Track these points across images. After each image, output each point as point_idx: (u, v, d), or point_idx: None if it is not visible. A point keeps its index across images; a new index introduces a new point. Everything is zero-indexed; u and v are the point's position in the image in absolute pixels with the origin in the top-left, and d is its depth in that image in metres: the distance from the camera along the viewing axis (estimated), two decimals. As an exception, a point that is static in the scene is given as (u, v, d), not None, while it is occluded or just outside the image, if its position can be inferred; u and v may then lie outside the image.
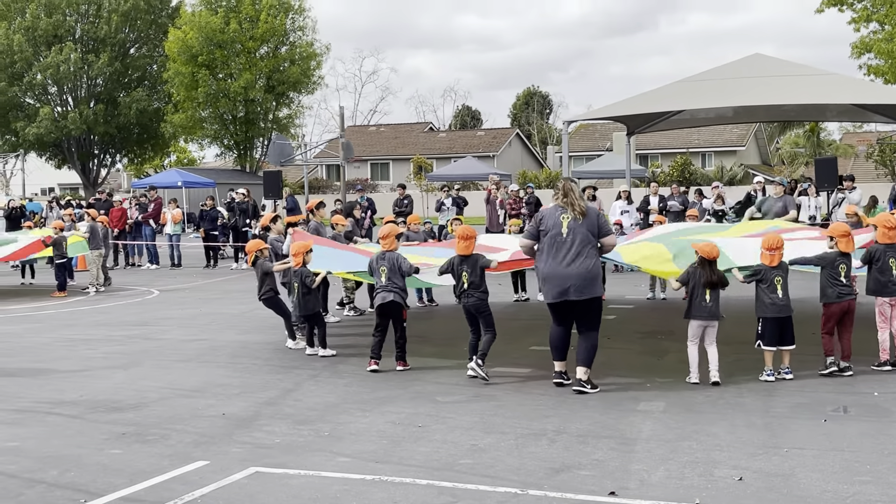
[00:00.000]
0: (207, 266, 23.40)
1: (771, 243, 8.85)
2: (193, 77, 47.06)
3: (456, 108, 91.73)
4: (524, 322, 12.96)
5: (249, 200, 25.46)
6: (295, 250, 10.75)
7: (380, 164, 66.33)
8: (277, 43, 49.52)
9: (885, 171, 47.31)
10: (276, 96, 49.99)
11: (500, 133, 68.32)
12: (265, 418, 7.85)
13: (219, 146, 52.81)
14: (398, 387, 8.96)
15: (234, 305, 15.68)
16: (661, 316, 13.59)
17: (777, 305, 8.79)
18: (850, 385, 8.46)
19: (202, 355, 10.96)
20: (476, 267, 9.24)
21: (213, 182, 44.09)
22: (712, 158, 59.26)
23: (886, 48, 30.03)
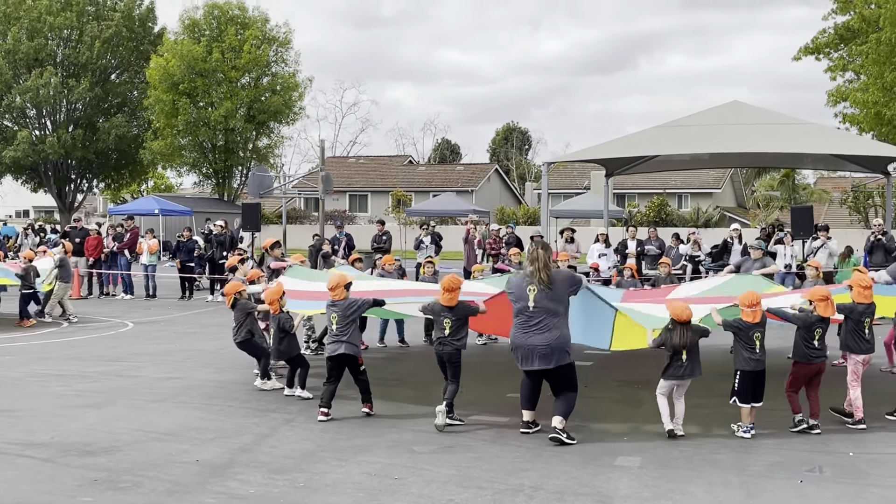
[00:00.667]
0: (183, 297, 23.26)
1: (750, 300, 8.87)
2: (174, 105, 46.97)
3: (436, 142, 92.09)
4: (501, 366, 12.90)
5: (227, 232, 25.38)
6: (269, 298, 10.73)
7: (358, 196, 66.34)
8: (260, 73, 49.58)
9: (858, 217, 47.80)
10: (257, 126, 49.96)
11: (479, 168, 68.59)
12: (240, 466, 7.78)
13: (197, 174, 52.64)
14: (374, 434, 8.91)
15: (209, 341, 15.58)
16: (639, 363, 13.55)
17: (754, 360, 8.84)
18: (824, 444, 8.49)
19: (177, 395, 10.86)
20: (461, 316, 9.26)
21: (191, 210, 43.89)
22: (688, 200, 59.72)
23: (862, 98, 30.46)
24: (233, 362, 13.18)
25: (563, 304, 8.61)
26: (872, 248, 19.48)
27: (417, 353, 14.46)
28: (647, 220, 49.07)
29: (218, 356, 13.92)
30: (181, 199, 51.71)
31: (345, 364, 9.68)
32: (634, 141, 21.28)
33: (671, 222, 50.48)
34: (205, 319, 19.07)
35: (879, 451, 8.27)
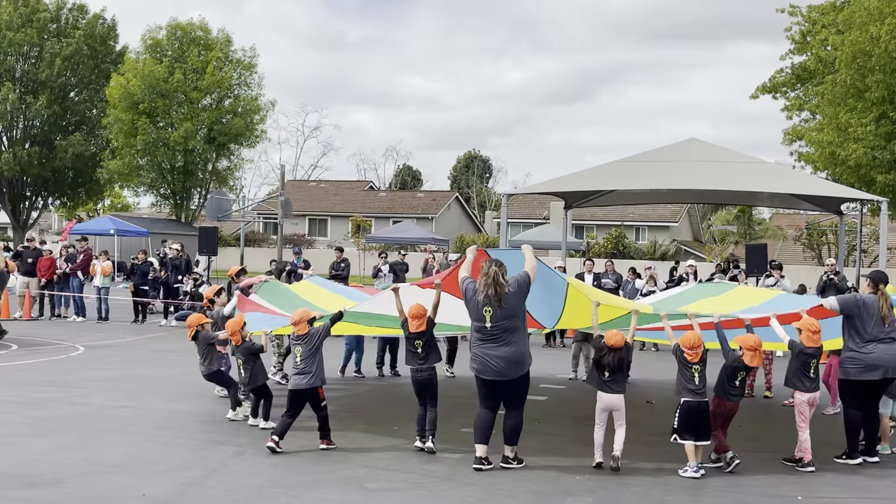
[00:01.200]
0: (136, 321, 22.98)
1: (692, 343, 8.98)
2: (133, 124, 46.61)
3: (397, 168, 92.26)
4: (458, 400, 12.78)
5: (183, 255, 25.16)
6: (230, 329, 10.66)
7: (318, 220, 66.16)
8: (222, 95, 49.36)
9: (812, 254, 48.47)
10: (217, 147, 49.68)
11: (440, 195, 68.74)
12: (187, 501, 7.66)
13: (155, 195, 52.16)
14: (326, 470, 8.83)
15: (161, 368, 15.38)
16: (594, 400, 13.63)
17: (693, 391, 8.93)
18: (774, 487, 8.53)
19: (126, 425, 10.69)
20: (431, 335, 9.56)
21: (147, 231, 43.51)
22: (646, 232, 60.27)
23: (817, 138, 30.94)
24: (184, 391, 13.04)
25: (519, 318, 8.82)
26: (825, 287, 19.74)
27: (372, 385, 14.39)
28: (605, 251, 49.42)
29: (169, 384, 13.74)
30: (138, 219, 51.25)
31: (306, 398, 9.67)
32: (593, 175, 21.45)
33: (629, 254, 50.88)
34: (157, 345, 18.84)
35: (828, 494, 8.33)
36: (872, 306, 9.44)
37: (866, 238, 37.72)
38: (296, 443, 9.83)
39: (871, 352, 9.33)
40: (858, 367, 9.39)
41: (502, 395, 8.94)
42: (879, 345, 9.35)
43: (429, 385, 9.59)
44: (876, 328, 9.38)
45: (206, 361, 11.13)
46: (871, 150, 27.45)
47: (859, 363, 9.38)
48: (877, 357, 9.32)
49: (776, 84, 36.96)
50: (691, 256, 49.84)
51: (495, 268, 8.75)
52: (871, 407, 9.64)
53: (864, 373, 9.38)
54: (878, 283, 9.68)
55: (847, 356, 9.51)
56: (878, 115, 28.04)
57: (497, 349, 8.71)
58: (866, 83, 27.79)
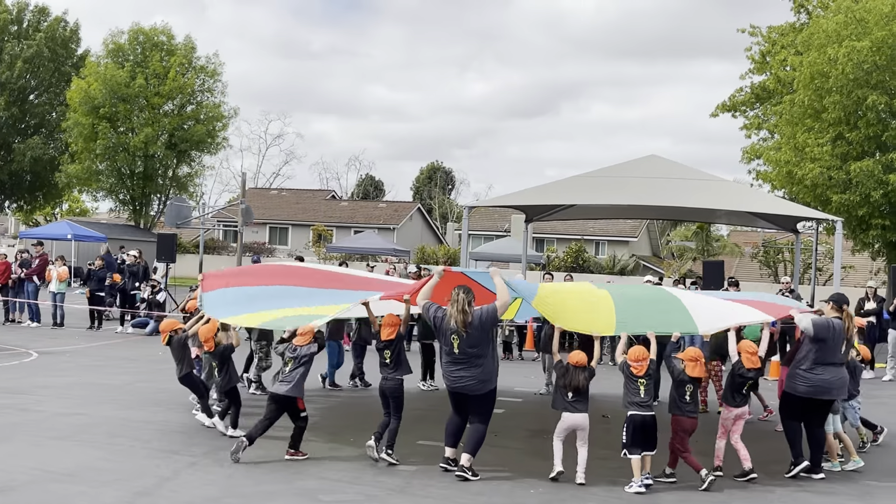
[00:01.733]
0: (91, 327, 22.73)
1: (637, 356, 9.20)
2: (93, 128, 46.12)
3: (359, 177, 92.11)
4: (419, 412, 12.75)
5: (141, 262, 24.95)
6: (204, 336, 10.72)
7: (279, 229, 65.87)
8: (184, 101, 49.02)
9: (768, 271, 49.07)
10: (178, 154, 49.30)
11: (402, 206, 68.75)
12: (139, 511, 7.61)
13: (114, 200, 51.63)
14: (282, 480, 8.80)
15: (116, 375, 15.24)
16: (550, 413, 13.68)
17: (639, 405, 9.10)
18: (726, 503, 8.63)
19: (78, 433, 10.58)
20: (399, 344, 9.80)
21: (105, 237, 43.02)
22: (605, 247, 60.69)
23: (774, 157, 31.33)
24: (139, 398, 12.94)
25: (484, 345, 9.17)
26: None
27: (338, 398, 14.37)
28: (565, 265, 49.70)
29: (123, 391, 13.62)
30: (96, 224, 50.71)
31: (286, 406, 9.75)
32: (554, 189, 21.62)
33: (588, 268, 51.21)
34: (112, 352, 18.67)
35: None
36: (840, 332, 9.63)
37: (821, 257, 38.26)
38: (252, 453, 9.79)
39: (821, 374, 9.53)
40: (808, 387, 9.57)
41: (470, 408, 9.30)
42: (830, 368, 9.55)
43: (393, 395, 9.76)
44: (837, 354, 9.58)
45: (181, 365, 11.08)
46: (827, 170, 27.85)
47: (810, 384, 9.56)
48: (827, 380, 9.54)
49: (736, 103, 37.41)
50: (650, 271, 50.24)
51: (464, 295, 9.12)
52: (816, 425, 9.79)
53: (813, 394, 9.58)
54: (841, 304, 9.89)
55: (799, 373, 9.65)
56: (835, 136, 28.46)
57: (466, 371, 9.14)
58: (823, 104, 28.21)
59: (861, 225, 28.91)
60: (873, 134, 27.58)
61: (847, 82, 27.21)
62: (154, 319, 22.38)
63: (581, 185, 20.82)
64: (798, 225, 24.86)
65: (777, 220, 23.75)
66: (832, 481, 9.64)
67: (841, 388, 9.70)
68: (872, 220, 28.15)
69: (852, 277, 43.94)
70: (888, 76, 27.42)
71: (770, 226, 26.87)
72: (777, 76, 34.76)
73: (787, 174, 29.79)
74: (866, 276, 32.19)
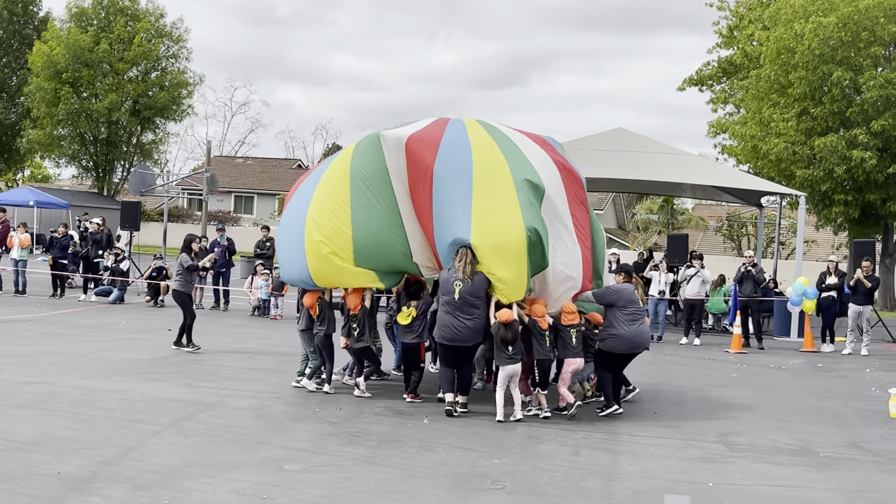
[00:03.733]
0: (54, 295, 22.54)
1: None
2: (56, 93, 45.50)
3: (326, 147, 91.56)
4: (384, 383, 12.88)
5: (104, 230, 24.72)
6: (308, 303, 12.01)
7: (244, 198, 65.45)
8: (149, 67, 48.43)
9: (732, 245, 49.52)
10: (142, 121, 48.79)
11: (368, 176, 68.36)
12: (102, 480, 7.57)
13: (77, 167, 51.04)
14: (245, 450, 8.80)
15: (79, 344, 15.13)
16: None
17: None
18: (687, 474, 8.71)
19: (41, 401, 10.50)
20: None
21: (68, 204, 42.58)
22: (572, 219, 60.82)
23: (740, 131, 31.58)
24: (102, 368, 12.86)
25: (480, 298, 10.65)
26: (742, 278, 20.22)
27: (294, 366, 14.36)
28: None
29: (87, 360, 13.52)
30: (58, 191, 50.12)
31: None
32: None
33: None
34: (75, 320, 18.51)
35: (737, 482, 8.55)
36: (628, 294, 11.19)
37: (784, 231, 38.70)
38: (215, 423, 9.80)
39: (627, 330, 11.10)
40: (620, 343, 11.13)
41: (459, 358, 10.85)
42: (634, 325, 11.12)
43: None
44: (633, 312, 11.15)
45: (321, 324, 11.94)
46: (791, 146, 28.12)
47: (623, 340, 11.10)
48: (633, 333, 11.11)
49: (703, 77, 37.63)
50: (615, 244, 50.54)
51: (469, 252, 10.55)
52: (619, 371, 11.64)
53: (624, 347, 11.21)
54: (630, 274, 11.63)
55: (610, 334, 11.17)
56: (800, 111, 28.73)
57: (461, 320, 10.58)
58: (789, 79, 28.44)
59: (824, 200, 29.28)
60: (838, 110, 27.87)
61: (813, 58, 27.44)
62: (117, 288, 22.21)
63: (548, 158, 20.83)
64: (762, 199, 25.15)
65: (741, 194, 24.00)
66: (792, 454, 9.80)
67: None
68: (835, 196, 28.51)
69: (815, 252, 44.52)
70: (853, 52, 27.69)
71: (734, 200, 27.14)
72: (744, 51, 34.98)
73: (753, 149, 30.06)
74: (828, 251, 32.68)
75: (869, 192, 28.06)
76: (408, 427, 10.04)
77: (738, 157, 33.26)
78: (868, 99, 26.75)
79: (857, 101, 27.36)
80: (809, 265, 30.91)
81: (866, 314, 19.14)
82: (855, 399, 13.52)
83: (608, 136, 21.38)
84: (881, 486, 8.70)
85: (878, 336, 21.06)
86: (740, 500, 7.93)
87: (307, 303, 11.92)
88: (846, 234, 33.82)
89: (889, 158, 27.49)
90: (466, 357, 11.04)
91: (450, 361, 10.90)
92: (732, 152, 33.77)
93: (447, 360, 10.95)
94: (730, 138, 34.38)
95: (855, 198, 28.40)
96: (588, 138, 21.54)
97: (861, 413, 12.46)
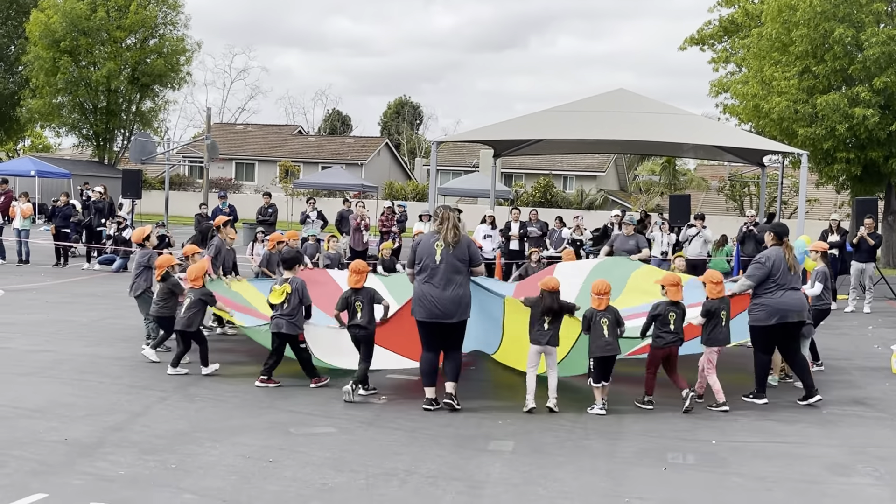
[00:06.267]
0: (57, 264, 22.55)
1: (599, 289, 9.43)
2: (54, 62, 45.29)
3: (326, 112, 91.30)
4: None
5: (106, 198, 24.71)
6: (193, 275, 10.77)
7: (245, 165, 65.25)
8: (146, 35, 48.16)
9: (734, 205, 49.42)
10: (141, 88, 48.59)
11: (370, 142, 68.22)
12: (110, 446, 7.63)
13: (77, 136, 50.91)
14: (251, 414, 8.86)
15: (83, 312, 15.17)
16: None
17: (602, 346, 9.30)
18: (690, 432, 8.80)
19: (47, 369, 10.56)
20: (369, 300, 9.78)
21: (69, 173, 42.57)
22: (573, 182, 60.74)
23: (742, 90, 31.36)
24: (108, 335, 12.91)
25: (465, 263, 9.20)
26: (744, 238, 20.21)
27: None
28: (533, 200, 49.78)
29: (92, 328, 13.57)
30: (59, 160, 50.03)
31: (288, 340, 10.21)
32: (522, 123, 21.54)
33: (556, 203, 51.32)
34: (79, 288, 18.56)
35: (741, 439, 8.61)
36: (779, 261, 9.86)
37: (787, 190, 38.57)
38: (220, 388, 9.86)
39: (780, 298, 9.82)
40: (768, 312, 9.83)
41: (443, 337, 9.24)
42: (787, 292, 9.86)
43: (365, 343, 9.79)
44: (783, 278, 9.84)
45: (163, 304, 11.13)
46: (793, 104, 27.95)
47: (769, 309, 9.82)
48: (786, 303, 9.82)
49: (704, 36, 37.31)
50: (617, 206, 50.47)
51: (452, 213, 9.28)
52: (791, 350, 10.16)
53: (772, 318, 9.83)
54: (781, 236, 10.12)
55: (757, 303, 9.95)
56: (801, 70, 28.53)
57: (443, 291, 9.04)
58: (791, 37, 28.21)
59: (826, 158, 29.16)
60: (839, 67, 27.68)
61: (814, 15, 27.21)
62: (120, 256, 22.23)
63: (549, 120, 20.76)
64: (764, 158, 25.02)
65: (743, 154, 23.89)
66: (795, 411, 9.85)
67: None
68: (837, 154, 28.39)
69: (817, 210, 44.46)
70: (855, 9, 27.43)
71: (736, 159, 27.03)
72: (745, 9, 34.69)
73: (754, 108, 29.89)
74: (831, 209, 32.55)
75: (871, 150, 27.94)
76: (411, 392, 10.06)
77: (740, 117, 33.07)
78: (870, 56, 26.55)
79: (859, 59, 27.15)
80: (812, 224, 30.86)
81: (869, 272, 19.14)
82: (858, 356, 13.57)
83: (609, 97, 21.20)
84: (884, 441, 8.75)
85: (881, 293, 21.06)
86: (744, 458, 7.98)
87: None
88: (848, 192, 33.73)
89: (891, 116, 27.34)
90: (453, 337, 9.29)
91: (432, 344, 9.29)
92: (734, 112, 33.56)
93: (429, 342, 9.29)
94: (731, 98, 34.16)
95: (857, 156, 28.27)
96: (589, 100, 21.36)
97: (864, 370, 12.52)
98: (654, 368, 9.66)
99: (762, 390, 10.10)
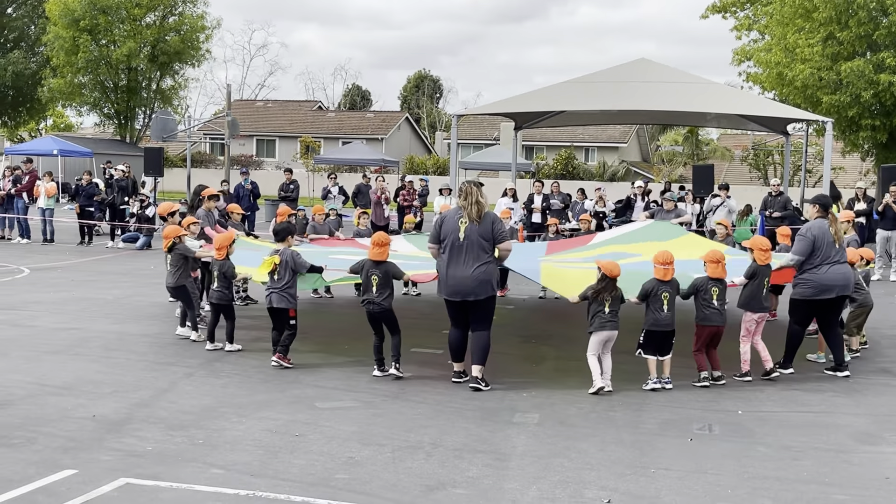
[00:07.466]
0: (81, 243, 22.70)
1: (664, 258, 9.20)
2: (74, 42, 45.42)
3: (346, 87, 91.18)
4: (409, 320, 12.81)
5: (129, 177, 24.80)
6: (219, 243, 10.67)
7: (266, 141, 65.37)
8: (166, 12, 48.18)
9: (758, 174, 49.05)
10: (160, 66, 48.68)
11: (390, 116, 68.13)
12: (137, 422, 7.69)
13: (98, 114, 51.11)
14: (276, 389, 8.90)
15: (108, 290, 15.27)
16: (541, 318, 13.86)
17: (661, 322, 9.17)
18: (715, 402, 8.77)
19: (73, 347, 10.64)
20: (387, 275, 9.46)
21: (91, 152, 42.74)
22: (595, 154, 60.44)
23: (765, 58, 31.03)
24: (133, 313, 12.99)
25: (489, 241, 8.97)
26: (768, 207, 20.03)
27: (323, 306, 14.45)
28: (555, 172, 49.57)
29: (117, 306, 13.66)
30: (81, 139, 50.25)
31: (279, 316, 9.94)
32: (543, 95, 21.41)
33: (578, 175, 51.11)
34: (104, 266, 18.68)
35: (767, 409, 8.58)
36: (823, 234, 9.68)
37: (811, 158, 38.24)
38: (246, 364, 9.91)
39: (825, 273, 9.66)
40: (813, 288, 9.70)
41: (469, 315, 9.11)
42: (833, 267, 9.67)
43: (384, 318, 9.54)
44: (828, 251, 9.67)
45: (176, 273, 11.13)
46: (817, 71, 27.65)
47: (814, 284, 9.69)
48: (830, 278, 9.65)
49: (726, 3, 36.87)
50: (640, 177, 50.22)
51: (476, 188, 9.05)
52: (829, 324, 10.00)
53: (817, 294, 9.70)
54: (826, 207, 9.93)
55: (801, 278, 9.79)
56: (825, 36, 28.19)
57: (466, 269, 8.88)
58: (814, 3, 27.85)
59: (851, 126, 28.85)
60: (864, 33, 27.32)
61: (838, -20, 26.85)
62: (144, 234, 22.34)
63: (570, 91, 20.62)
64: (788, 127, 24.76)
65: (767, 123, 23.64)
66: (821, 380, 9.80)
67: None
68: (862, 121, 28.07)
69: (842, 178, 44.01)
70: (880, -27, 27.03)
71: (760, 128, 26.77)
72: (768, -25, 34.23)
73: (778, 75, 29.58)
74: (856, 178, 32.27)
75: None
76: (435, 366, 10.06)
77: (763, 85, 32.72)
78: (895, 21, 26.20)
79: (884, 24, 26.78)
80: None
81: (895, 239, 18.96)
82: (884, 325, 13.45)
83: (631, 67, 21.03)
84: (911, 410, 8.69)
85: (907, 262, 20.85)
86: (770, 427, 7.95)
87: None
88: (874, 159, 33.38)
89: (918, 81, 26.99)
90: (479, 315, 9.10)
91: (459, 320, 9.19)
92: (757, 80, 33.20)
93: (456, 319, 9.20)
94: (754, 66, 33.80)
95: (882, 122, 27.95)
96: (610, 70, 21.21)
97: (890, 338, 12.42)
98: (702, 346, 9.45)
99: (790, 360, 9.99)
